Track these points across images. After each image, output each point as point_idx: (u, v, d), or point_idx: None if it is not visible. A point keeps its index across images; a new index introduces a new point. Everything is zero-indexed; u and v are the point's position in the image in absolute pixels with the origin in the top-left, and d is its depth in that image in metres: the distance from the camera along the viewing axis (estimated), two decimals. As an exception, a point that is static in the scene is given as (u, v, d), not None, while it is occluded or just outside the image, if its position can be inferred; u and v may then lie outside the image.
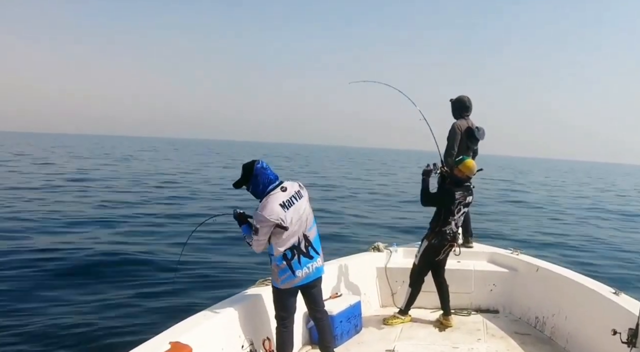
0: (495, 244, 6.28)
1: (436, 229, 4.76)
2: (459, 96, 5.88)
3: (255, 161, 3.57)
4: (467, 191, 4.73)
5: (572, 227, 17.48)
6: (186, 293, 7.42)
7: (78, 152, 57.63)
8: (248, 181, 3.54)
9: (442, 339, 4.57)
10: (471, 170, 4.70)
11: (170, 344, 2.93)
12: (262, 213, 3.42)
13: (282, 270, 3.57)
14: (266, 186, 3.52)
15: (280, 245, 3.51)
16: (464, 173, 4.69)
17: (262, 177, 3.52)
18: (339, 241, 11.36)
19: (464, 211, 4.79)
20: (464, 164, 4.69)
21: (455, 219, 4.74)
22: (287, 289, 3.63)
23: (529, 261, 5.30)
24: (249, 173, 3.53)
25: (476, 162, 4.83)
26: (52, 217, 13.28)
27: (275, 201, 3.46)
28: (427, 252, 4.84)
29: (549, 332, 4.67)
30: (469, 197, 4.74)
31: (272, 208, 3.43)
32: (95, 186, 21.41)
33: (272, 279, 3.69)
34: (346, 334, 4.53)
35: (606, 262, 11.71)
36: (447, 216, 4.70)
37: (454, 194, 4.64)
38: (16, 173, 26.15)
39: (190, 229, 4.30)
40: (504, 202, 24.25)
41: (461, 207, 4.70)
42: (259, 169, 3.52)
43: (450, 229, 4.74)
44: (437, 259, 4.86)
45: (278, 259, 3.55)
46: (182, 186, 23.37)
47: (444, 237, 4.74)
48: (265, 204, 3.46)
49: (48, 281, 7.88)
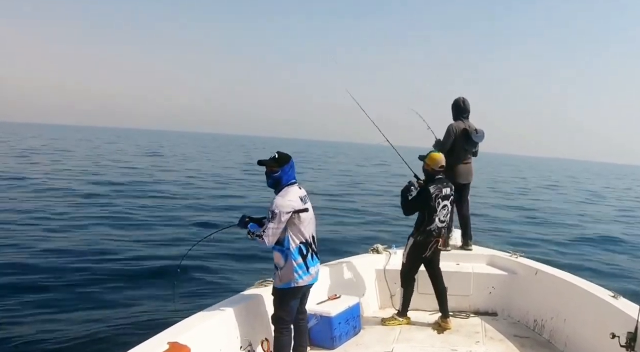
0: (499, 247, 6.29)
1: (421, 228, 4.79)
2: (455, 99, 5.93)
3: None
4: (442, 184, 4.77)
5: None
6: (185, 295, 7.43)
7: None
8: (281, 166, 3.61)
9: (441, 342, 4.57)
10: (437, 162, 4.78)
11: (168, 344, 2.94)
12: (284, 199, 3.52)
13: (299, 265, 3.57)
14: (290, 179, 3.67)
15: (296, 236, 3.56)
16: (431, 166, 4.78)
17: (292, 170, 3.68)
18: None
19: (445, 204, 4.79)
20: (430, 157, 4.81)
21: (438, 214, 4.75)
22: (298, 288, 3.62)
23: (528, 263, 5.31)
24: (285, 161, 3.64)
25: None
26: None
27: (296, 193, 3.61)
28: (413, 250, 4.86)
29: (547, 335, 4.67)
30: (445, 189, 4.76)
31: (293, 197, 3.56)
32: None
33: (282, 280, 3.60)
34: (345, 336, 4.52)
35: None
36: (431, 214, 4.72)
37: (429, 190, 4.68)
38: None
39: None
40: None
41: (440, 200, 4.72)
42: (293, 162, 3.70)
43: (435, 226, 4.76)
44: (423, 256, 4.84)
45: (294, 254, 3.55)
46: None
47: (430, 234, 4.76)
48: (285, 193, 3.58)
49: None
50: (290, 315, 3.68)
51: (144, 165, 33.13)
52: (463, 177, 5.89)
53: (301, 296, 3.79)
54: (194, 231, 12.07)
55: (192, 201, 17.67)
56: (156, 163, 36.23)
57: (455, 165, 5.85)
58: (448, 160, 5.89)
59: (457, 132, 5.75)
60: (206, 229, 11.51)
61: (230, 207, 16.45)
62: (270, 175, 3.65)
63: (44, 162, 30.46)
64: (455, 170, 5.85)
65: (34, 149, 44.12)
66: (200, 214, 15.12)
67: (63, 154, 39.70)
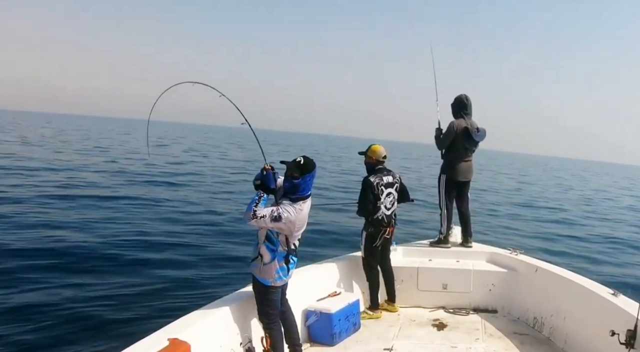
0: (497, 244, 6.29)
1: (369, 218, 4.98)
2: (457, 95, 5.91)
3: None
4: (382, 173, 4.99)
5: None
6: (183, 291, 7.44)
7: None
8: (303, 174, 3.50)
9: (441, 339, 4.58)
10: (379, 153, 5.03)
11: (168, 340, 2.94)
12: (297, 217, 3.47)
13: (281, 268, 3.60)
14: (308, 191, 3.59)
15: (287, 243, 3.56)
16: (374, 157, 5.03)
17: (312, 180, 3.58)
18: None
19: (390, 191, 5.00)
20: (370, 149, 5.07)
21: (383, 202, 4.92)
22: (276, 286, 3.66)
23: (528, 261, 5.31)
24: (310, 169, 3.53)
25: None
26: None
27: (307, 209, 3.59)
28: (367, 241, 5.05)
29: (547, 332, 4.68)
30: (386, 178, 4.97)
31: (304, 217, 3.55)
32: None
33: (262, 274, 3.60)
34: (345, 332, 4.53)
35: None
36: (375, 202, 4.90)
37: (369, 180, 4.90)
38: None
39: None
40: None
41: (382, 188, 4.92)
42: (315, 172, 3.58)
43: (381, 213, 4.96)
44: (374, 245, 5.03)
45: (280, 257, 3.57)
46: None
47: (380, 223, 4.97)
48: (301, 210, 3.52)
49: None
50: (275, 308, 3.70)
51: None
52: (463, 175, 5.89)
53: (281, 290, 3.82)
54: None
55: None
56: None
57: (456, 163, 5.85)
58: (448, 157, 5.89)
59: (458, 130, 5.75)
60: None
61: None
62: (289, 179, 3.53)
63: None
64: (455, 168, 5.85)
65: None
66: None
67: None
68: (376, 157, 5.02)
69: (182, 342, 2.98)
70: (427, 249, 5.88)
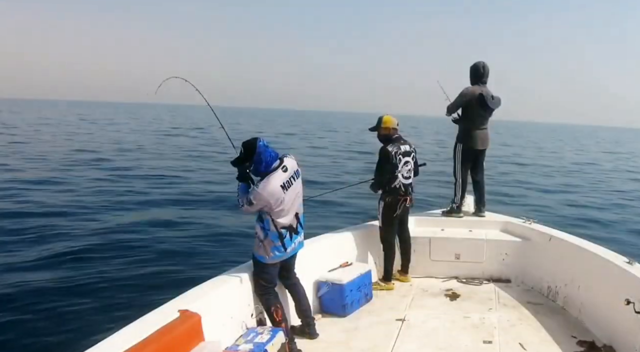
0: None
1: (386, 187, 4.96)
2: (475, 63, 5.77)
3: (257, 139, 3.49)
4: (399, 141, 4.97)
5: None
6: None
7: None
8: (250, 159, 3.46)
9: (454, 309, 4.57)
10: (391, 122, 5.00)
11: (179, 312, 2.95)
12: (263, 193, 3.39)
13: (275, 246, 3.58)
14: (269, 164, 3.49)
15: (276, 221, 3.52)
16: (388, 127, 5.00)
17: (264, 155, 3.46)
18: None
19: (407, 160, 4.97)
20: (383, 121, 5.03)
21: (400, 170, 4.91)
22: (273, 263, 3.65)
23: (542, 230, 5.23)
24: (251, 151, 3.45)
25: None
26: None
27: (277, 182, 3.44)
28: (386, 212, 5.00)
29: (561, 301, 4.64)
30: (403, 146, 4.95)
31: (274, 190, 3.41)
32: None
33: (258, 253, 3.63)
34: (357, 303, 4.55)
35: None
36: (393, 171, 4.88)
37: (386, 149, 4.88)
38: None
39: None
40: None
41: (400, 157, 4.90)
42: (261, 147, 3.45)
43: (399, 182, 4.93)
44: (394, 215, 4.99)
45: (273, 236, 3.55)
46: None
47: (397, 192, 4.95)
48: (266, 184, 3.41)
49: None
50: (269, 281, 3.68)
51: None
52: (479, 143, 5.79)
53: (284, 265, 3.79)
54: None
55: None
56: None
57: (472, 130, 5.75)
58: (464, 126, 5.78)
59: (472, 96, 5.62)
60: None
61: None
62: (247, 168, 3.52)
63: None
64: (471, 136, 5.75)
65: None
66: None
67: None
68: (392, 126, 4.98)
69: (193, 314, 2.99)
70: (439, 219, 5.83)
